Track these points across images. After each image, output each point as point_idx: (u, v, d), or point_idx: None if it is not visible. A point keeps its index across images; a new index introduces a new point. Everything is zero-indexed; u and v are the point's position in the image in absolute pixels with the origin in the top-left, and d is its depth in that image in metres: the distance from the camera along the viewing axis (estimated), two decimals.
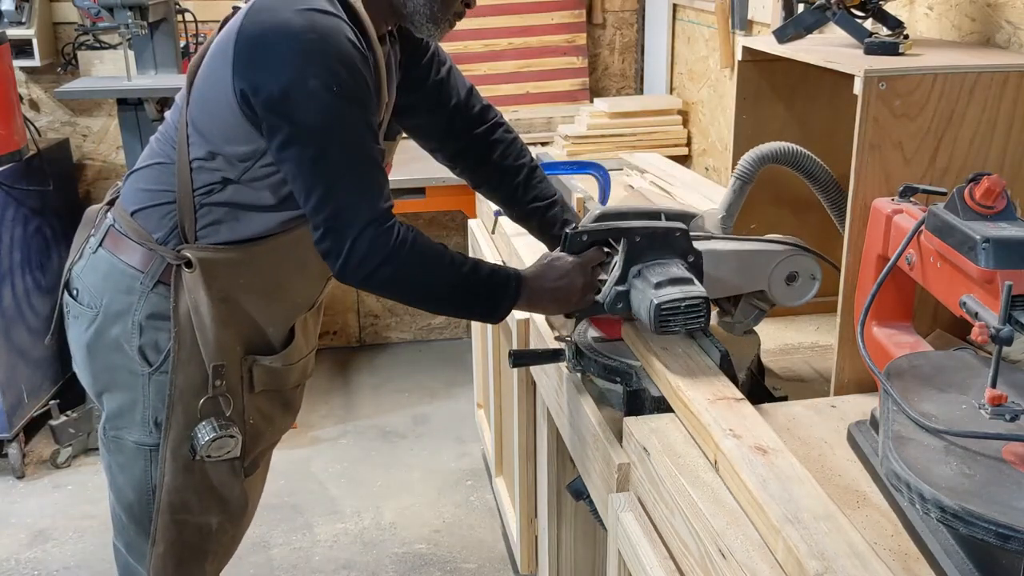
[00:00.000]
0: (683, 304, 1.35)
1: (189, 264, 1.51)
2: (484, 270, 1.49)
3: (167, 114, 1.59)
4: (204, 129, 1.49)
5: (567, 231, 1.50)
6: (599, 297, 1.47)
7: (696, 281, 1.41)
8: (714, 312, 1.67)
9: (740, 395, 1.32)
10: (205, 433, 1.55)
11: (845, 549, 0.98)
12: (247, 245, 1.55)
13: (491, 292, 1.49)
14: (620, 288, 1.44)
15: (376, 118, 1.47)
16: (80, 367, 1.66)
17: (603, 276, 1.49)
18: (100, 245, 1.59)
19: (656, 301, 1.35)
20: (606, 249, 1.50)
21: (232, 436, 1.57)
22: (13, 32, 3.25)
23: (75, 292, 1.62)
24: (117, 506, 1.68)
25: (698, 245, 1.48)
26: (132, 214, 1.56)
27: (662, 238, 1.45)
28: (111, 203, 1.63)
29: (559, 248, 1.53)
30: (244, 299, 1.57)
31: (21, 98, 3.39)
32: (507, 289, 1.48)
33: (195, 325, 1.52)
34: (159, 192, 1.55)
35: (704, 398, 1.30)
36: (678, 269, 1.43)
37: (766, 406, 1.41)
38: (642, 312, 1.39)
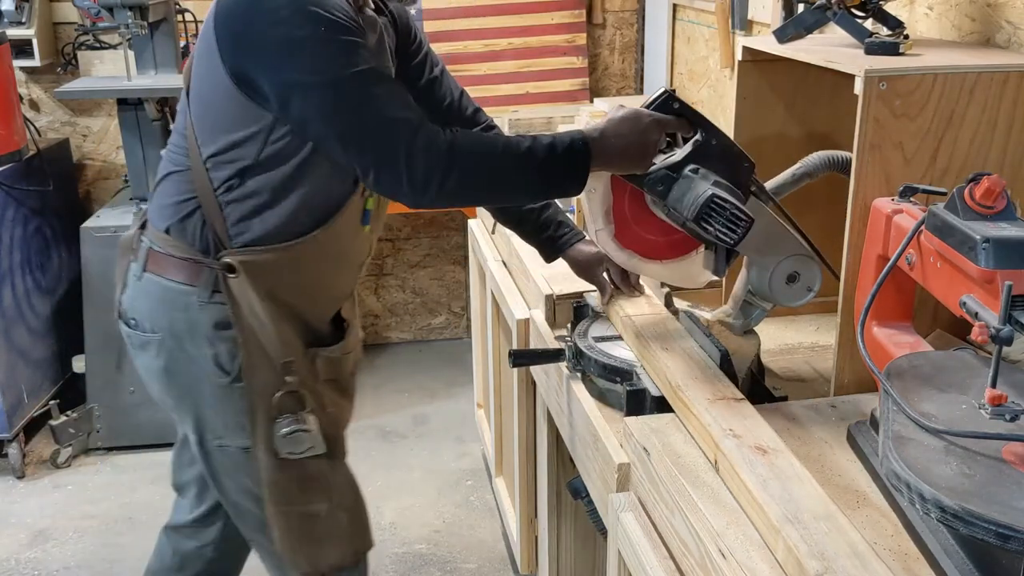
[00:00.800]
0: (731, 210, 1.34)
1: (232, 269, 1.50)
2: (543, 143, 1.40)
3: (173, 126, 1.58)
4: (210, 124, 1.48)
5: (665, 88, 1.45)
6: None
7: None
8: (713, 312, 1.68)
9: (740, 395, 1.32)
10: (278, 429, 1.55)
11: (845, 549, 0.98)
12: (286, 245, 1.53)
13: (559, 163, 1.39)
14: (671, 173, 1.40)
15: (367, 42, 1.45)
16: (160, 392, 1.64)
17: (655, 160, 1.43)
18: (144, 270, 1.57)
19: (711, 192, 1.34)
20: (666, 138, 1.45)
21: (307, 431, 1.56)
22: (13, 32, 3.25)
23: (132, 322, 1.60)
24: (246, 503, 1.67)
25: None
26: (166, 231, 1.55)
27: (732, 158, 1.42)
28: (143, 226, 1.61)
29: (645, 104, 1.45)
30: (289, 298, 1.56)
31: (21, 98, 3.39)
32: (573, 153, 1.39)
33: (255, 327, 1.52)
34: (183, 203, 1.53)
35: (704, 398, 1.30)
36: (734, 189, 1.41)
37: (766, 406, 1.41)
38: (687, 199, 1.36)
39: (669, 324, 1.57)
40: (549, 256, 1.79)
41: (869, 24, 1.57)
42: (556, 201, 1.78)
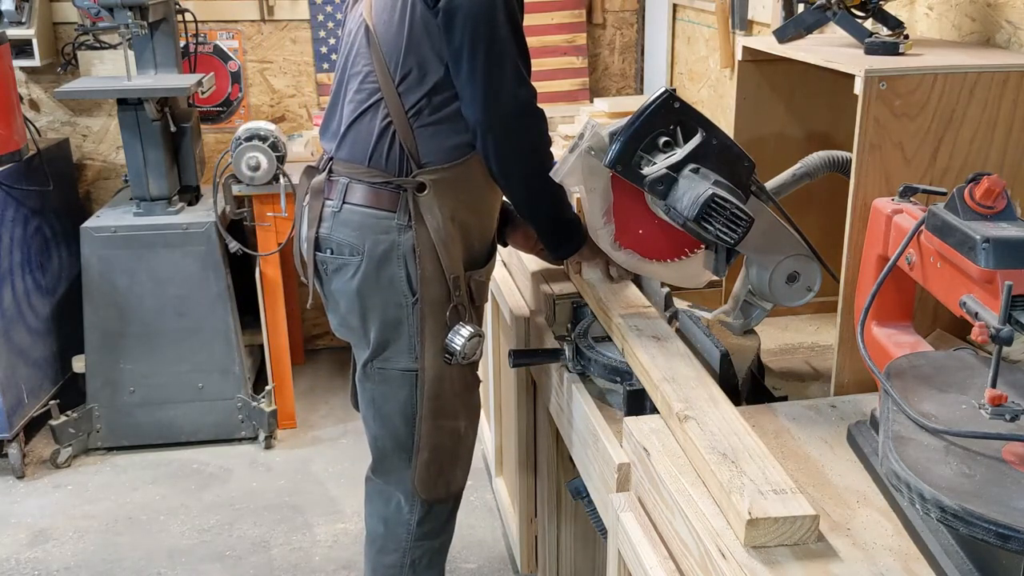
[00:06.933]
0: (731, 209, 1.34)
1: (422, 187, 1.66)
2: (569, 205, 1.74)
3: (353, 70, 1.72)
4: (397, 47, 1.63)
5: (666, 88, 1.47)
6: (645, 171, 1.42)
7: None
8: (713, 312, 1.68)
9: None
10: (461, 336, 1.72)
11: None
12: (463, 160, 1.69)
13: (571, 223, 1.73)
14: (671, 173, 1.41)
15: None
16: (347, 312, 1.78)
17: (652, 158, 1.44)
18: (343, 202, 1.71)
19: (711, 192, 1.34)
20: (666, 138, 1.46)
21: (480, 335, 1.75)
22: (13, 32, 3.25)
23: (330, 250, 1.75)
24: (382, 435, 1.85)
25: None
26: (368, 162, 1.70)
27: (732, 158, 1.43)
28: (329, 172, 1.76)
29: (645, 103, 1.47)
30: (463, 215, 1.73)
31: (21, 98, 3.39)
32: (575, 227, 1.73)
33: (436, 242, 1.68)
34: (382, 131, 1.68)
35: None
36: (735, 188, 1.41)
37: (766, 406, 1.42)
38: (686, 199, 1.37)
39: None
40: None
41: (869, 24, 1.57)
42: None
